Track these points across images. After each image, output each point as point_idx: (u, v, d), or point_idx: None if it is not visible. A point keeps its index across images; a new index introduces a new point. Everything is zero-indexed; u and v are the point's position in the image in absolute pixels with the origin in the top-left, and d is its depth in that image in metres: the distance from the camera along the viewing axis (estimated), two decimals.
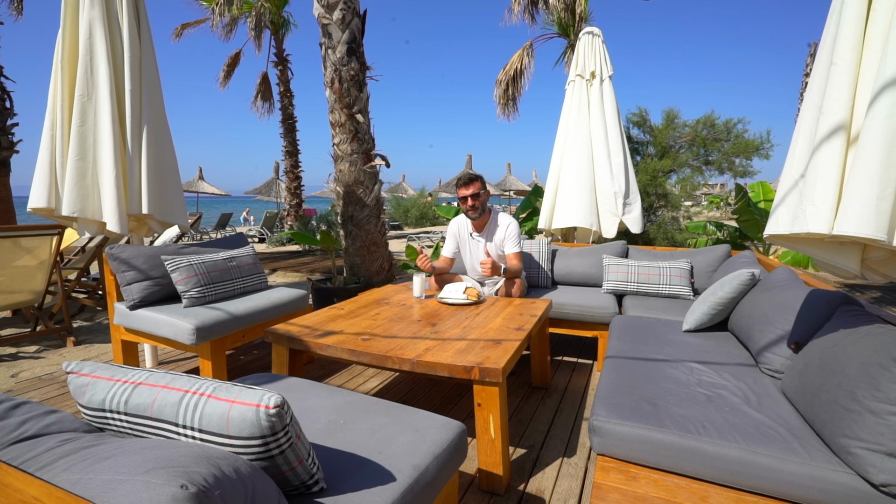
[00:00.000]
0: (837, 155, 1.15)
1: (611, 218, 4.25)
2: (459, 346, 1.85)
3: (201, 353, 2.41)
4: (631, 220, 4.27)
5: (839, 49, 1.17)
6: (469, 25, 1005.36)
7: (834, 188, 1.14)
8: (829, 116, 1.17)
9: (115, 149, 2.65)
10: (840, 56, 1.16)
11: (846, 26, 1.16)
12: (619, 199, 4.22)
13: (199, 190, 15.79)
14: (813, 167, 1.19)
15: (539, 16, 8.25)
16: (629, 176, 4.30)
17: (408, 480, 1.09)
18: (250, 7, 10.42)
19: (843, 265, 1.26)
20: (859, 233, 1.07)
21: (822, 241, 1.25)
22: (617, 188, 4.22)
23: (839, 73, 1.16)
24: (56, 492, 0.63)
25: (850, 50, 1.15)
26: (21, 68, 47.74)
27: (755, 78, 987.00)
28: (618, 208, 4.22)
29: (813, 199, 1.17)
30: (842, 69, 1.16)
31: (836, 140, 1.16)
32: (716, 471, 1.23)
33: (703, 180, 7.07)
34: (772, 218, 1.34)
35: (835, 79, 1.17)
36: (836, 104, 1.16)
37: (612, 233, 4.23)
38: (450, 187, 19.86)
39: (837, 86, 1.16)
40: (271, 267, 7.03)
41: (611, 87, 4.34)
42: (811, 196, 1.18)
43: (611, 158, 4.26)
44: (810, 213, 1.17)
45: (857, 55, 1.15)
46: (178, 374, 0.95)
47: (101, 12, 2.65)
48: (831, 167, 1.15)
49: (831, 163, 1.15)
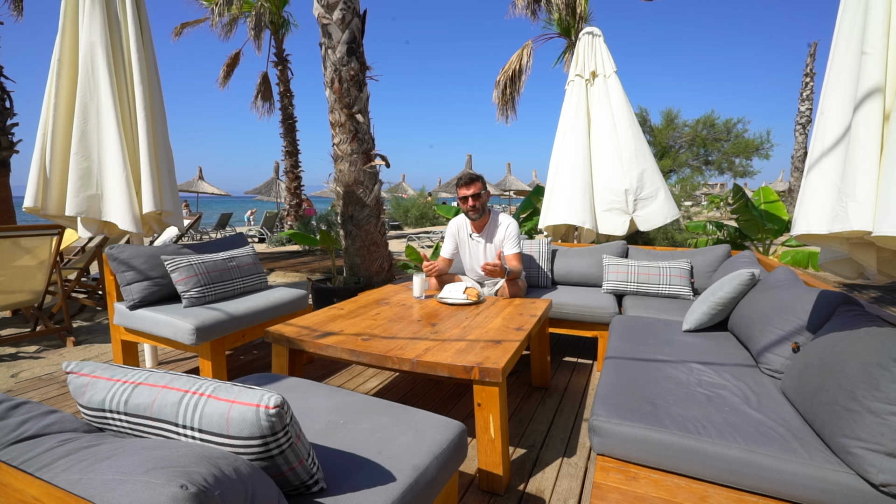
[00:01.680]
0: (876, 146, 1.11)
1: (619, 216, 4.08)
2: (459, 346, 1.85)
3: (201, 353, 2.41)
4: (645, 217, 4.03)
5: (869, 38, 1.13)
6: (469, 25, 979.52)
7: (875, 182, 1.10)
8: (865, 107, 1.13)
9: (121, 148, 2.65)
10: (871, 45, 1.13)
11: (874, 14, 1.13)
12: (629, 196, 4.01)
13: (199, 190, 15.78)
14: (851, 161, 1.14)
15: (540, 13, 8.26)
16: (645, 170, 4.04)
17: (408, 480, 1.09)
18: (250, 7, 10.43)
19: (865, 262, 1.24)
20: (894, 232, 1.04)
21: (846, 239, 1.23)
22: (628, 185, 4.01)
23: (872, 62, 1.13)
24: (56, 492, 0.63)
25: (881, 38, 1.12)
26: (21, 68, 48.00)
27: (755, 78, 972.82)
28: (628, 206, 4.04)
29: (854, 194, 1.12)
30: (875, 58, 1.12)
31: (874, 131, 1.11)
32: (716, 471, 1.23)
33: (703, 180, 7.08)
34: (801, 216, 1.29)
35: (868, 69, 1.13)
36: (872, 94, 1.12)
37: (623, 231, 4.06)
38: (450, 187, 19.86)
39: (872, 74, 1.13)
40: (271, 267, 7.03)
41: (617, 82, 4.21)
42: (852, 192, 1.13)
43: (621, 154, 4.07)
44: (852, 210, 1.12)
45: (885, 43, 1.12)
46: (177, 374, 0.95)
47: (101, 11, 2.64)
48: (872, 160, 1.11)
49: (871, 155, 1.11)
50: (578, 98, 4.34)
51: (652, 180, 4.07)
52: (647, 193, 4.04)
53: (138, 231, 2.71)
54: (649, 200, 4.04)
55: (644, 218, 4.09)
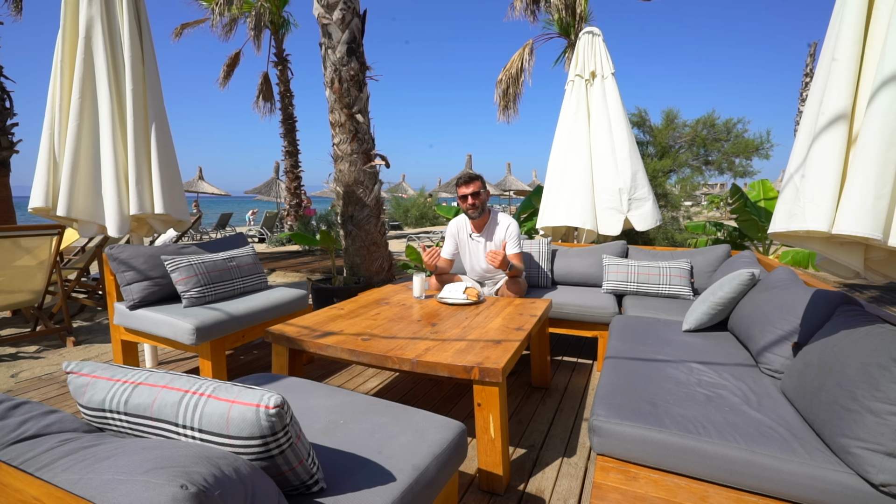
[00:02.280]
0: (838, 152, 1.14)
1: (614, 215, 4.13)
2: (459, 346, 1.85)
3: (201, 353, 2.41)
4: (639, 217, 4.11)
5: (840, 45, 1.15)
6: (469, 25, 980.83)
7: (834, 186, 1.13)
8: (828, 112, 1.15)
9: (115, 149, 2.65)
10: (841, 52, 1.15)
11: (848, 22, 1.15)
12: (623, 195, 4.08)
13: (199, 190, 15.79)
14: (812, 164, 1.18)
15: (540, 14, 8.27)
16: (637, 171, 4.12)
17: (408, 480, 1.09)
18: (250, 7, 10.43)
19: (847, 263, 1.25)
20: (856, 231, 1.07)
21: (825, 240, 1.24)
22: (622, 184, 4.08)
23: (839, 69, 1.15)
24: (56, 492, 0.63)
25: (851, 45, 1.14)
26: (21, 68, 47.43)
27: (755, 78, 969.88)
28: (622, 205, 4.09)
29: (813, 196, 1.16)
30: (842, 65, 1.14)
31: (836, 137, 1.14)
32: (716, 471, 1.23)
33: (703, 180, 7.07)
34: (774, 217, 1.33)
35: (835, 74, 1.16)
36: (836, 100, 1.15)
37: (617, 231, 4.11)
38: (450, 187, 19.86)
39: (838, 81, 1.15)
40: (271, 267, 7.03)
41: (614, 84, 4.25)
42: (811, 194, 1.16)
43: (616, 154, 4.13)
44: (810, 211, 1.16)
45: (857, 51, 1.14)
46: (177, 374, 0.95)
47: (101, 12, 2.64)
48: (831, 164, 1.14)
49: (831, 160, 1.14)
50: (578, 98, 4.34)
51: (643, 182, 4.18)
52: (641, 195, 4.14)
53: (123, 233, 2.70)
54: (642, 201, 4.14)
55: (638, 218, 4.15)
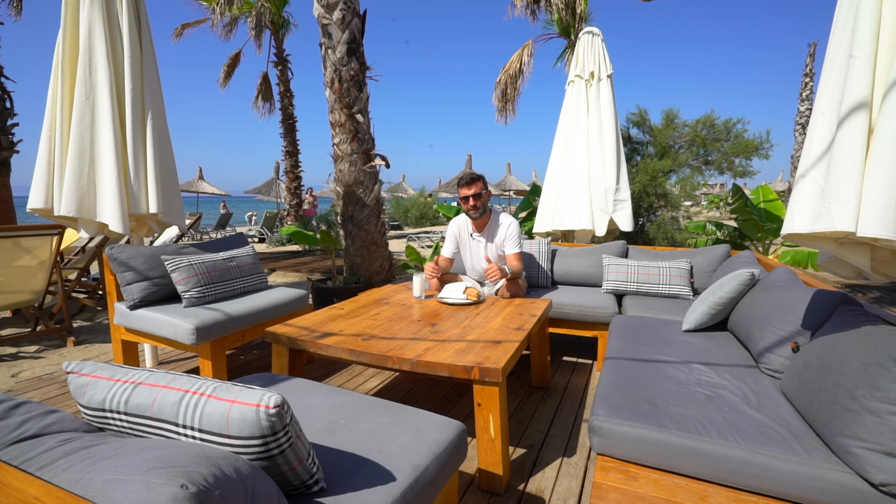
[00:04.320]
0: (861, 149, 1.11)
1: (601, 216, 4.22)
2: (459, 345, 1.85)
3: (201, 353, 2.41)
4: (621, 219, 4.21)
5: (858, 40, 1.13)
6: (469, 25, 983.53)
7: (860, 186, 1.11)
8: (852, 110, 1.13)
9: (115, 149, 2.65)
10: (859, 48, 1.13)
11: (863, 18, 1.13)
12: (608, 195, 4.18)
13: (199, 190, 15.78)
14: (837, 163, 1.15)
15: (540, 13, 8.27)
16: (621, 173, 4.25)
17: (408, 480, 1.09)
18: (250, 7, 10.42)
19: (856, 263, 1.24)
20: (880, 234, 1.05)
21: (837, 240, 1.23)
22: (607, 185, 4.19)
23: (860, 66, 1.13)
24: (56, 491, 0.63)
25: (868, 42, 1.12)
26: (21, 68, 47.41)
27: (755, 78, 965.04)
28: (608, 205, 4.19)
29: (839, 196, 1.13)
30: (862, 62, 1.13)
31: (860, 136, 1.12)
32: (715, 470, 1.23)
33: (703, 180, 7.06)
34: (789, 217, 1.30)
35: (856, 71, 1.13)
36: (858, 97, 1.13)
37: (602, 230, 4.18)
38: (450, 187, 19.84)
39: (858, 78, 1.13)
40: (271, 267, 7.03)
41: (608, 85, 4.31)
42: (836, 194, 1.14)
43: (604, 156, 4.23)
44: (836, 211, 1.13)
45: (874, 48, 1.12)
46: (178, 373, 0.95)
47: (101, 12, 2.65)
48: (856, 164, 1.11)
49: (857, 159, 1.12)
50: (578, 99, 4.35)
51: (625, 185, 4.28)
52: (623, 196, 4.24)
53: (125, 232, 2.70)
54: (625, 203, 4.23)
55: (622, 219, 4.23)
